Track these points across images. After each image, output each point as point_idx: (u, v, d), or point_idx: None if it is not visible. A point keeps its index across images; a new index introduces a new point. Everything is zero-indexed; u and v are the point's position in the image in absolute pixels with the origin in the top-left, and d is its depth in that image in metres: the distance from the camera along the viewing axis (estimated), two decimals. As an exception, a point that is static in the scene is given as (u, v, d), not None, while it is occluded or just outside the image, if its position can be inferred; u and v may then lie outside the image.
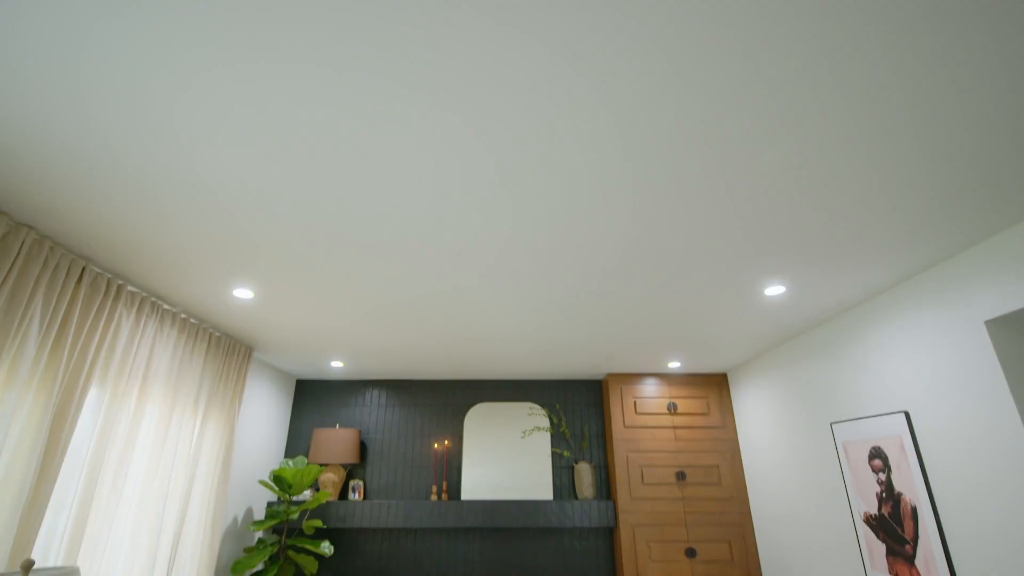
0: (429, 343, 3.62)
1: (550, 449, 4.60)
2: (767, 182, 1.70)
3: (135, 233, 2.07)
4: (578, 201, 1.82)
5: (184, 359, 2.99)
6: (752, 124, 1.45)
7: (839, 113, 1.40)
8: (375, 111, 1.40)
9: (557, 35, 1.18)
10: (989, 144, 1.52)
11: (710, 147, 1.54)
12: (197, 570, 3.06)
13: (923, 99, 1.36)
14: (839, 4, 1.11)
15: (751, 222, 1.95)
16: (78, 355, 2.22)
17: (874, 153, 1.56)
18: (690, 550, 4.02)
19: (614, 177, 1.68)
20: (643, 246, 2.15)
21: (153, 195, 1.80)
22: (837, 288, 2.60)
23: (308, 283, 2.56)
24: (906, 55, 1.23)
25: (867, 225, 1.98)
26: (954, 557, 2.26)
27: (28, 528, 1.94)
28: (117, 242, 2.14)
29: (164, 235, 2.09)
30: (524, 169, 1.64)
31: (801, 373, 3.46)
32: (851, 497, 2.92)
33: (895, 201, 1.81)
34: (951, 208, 1.86)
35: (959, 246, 2.16)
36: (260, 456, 4.20)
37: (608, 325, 3.20)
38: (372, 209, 1.87)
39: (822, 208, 1.86)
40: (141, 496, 2.66)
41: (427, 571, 4.26)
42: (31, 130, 1.49)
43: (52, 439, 2.06)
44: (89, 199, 1.82)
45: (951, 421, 2.28)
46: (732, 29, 1.17)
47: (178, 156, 1.59)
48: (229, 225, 2.00)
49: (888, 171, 1.65)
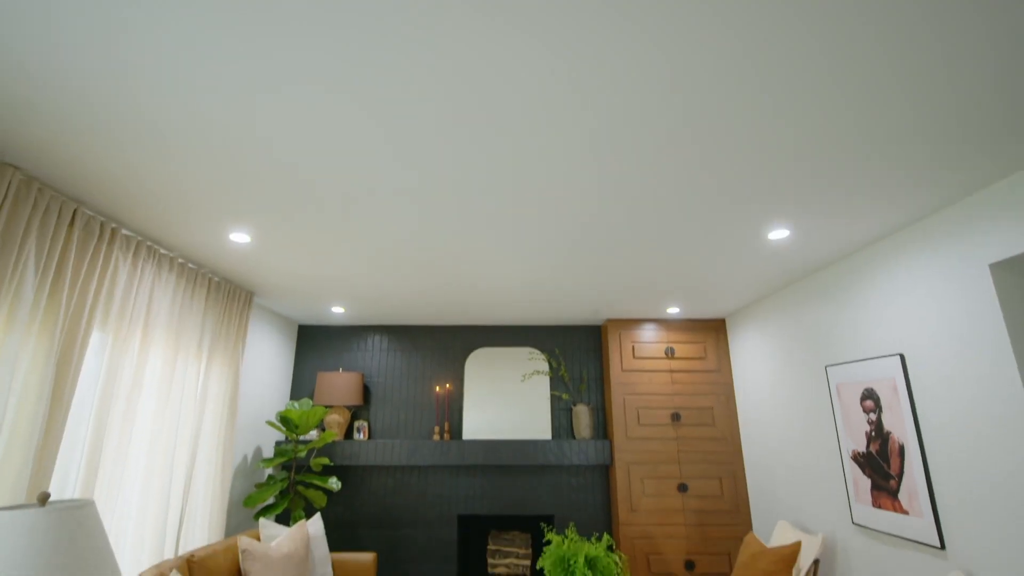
0: (429, 289, 3.62)
1: (549, 392, 4.71)
2: (775, 123, 1.63)
3: (127, 174, 2.01)
4: (580, 142, 1.76)
5: (184, 304, 2.99)
6: (758, 64, 1.37)
7: (846, 55, 1.32)
8: (376, 59, 1.31)
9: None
10: (999, 87, 1.45)
11: (716, 85, 1.46)
12: (211, 504, 3.20)
13: (931, 42, 1.27)
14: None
15: (758, 164, 1.90)
16: (77, 299, 2.21)
17: (883, 96, 1.49)
18: (682, 486, 4.21)
19: (618, 116, 1.61)
20: (648, 188, 2.10)
21: (146, 134, 1.73)
22: (842, 231, 2.57)
23: (305, 228, 2.52)
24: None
25: (876, 167, 1.92)
26: (936, 491, 2.36)
27: (43, 466, 2.00)
28: (109, 183, 2.08)
29: (157, 176, 2.03)
30: (525, 111, 1.57)
31: (799, 317, 3.49)
32: (841, 436, 3.01)
33: (905, 144, 1.75)
34: (962, 150, 1.81)
35: (968, 189, 2.11)
36: (266, 398, 4.30)
37: (609, 271, 3.19)
38: (370, 156, 1.81)
39: (830, 149, 1.80)
40: (151, 436, 2.74)
41: (431, 504, 4.47)
42: (9, 64, 1.40)
43: (59, 381, 2.09)
44: (77, 137, 1.75)
45: (945, 364, 2.32)
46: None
47: (175, 96, 1.51)
48: (225, 167, 1.93)
49: (897, 114, 1.58)
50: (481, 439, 4.42)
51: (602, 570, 2.33)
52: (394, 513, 4.45)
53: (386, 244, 2.74)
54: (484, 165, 1.93)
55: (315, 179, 2.04)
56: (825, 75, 1.44)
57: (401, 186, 2.09)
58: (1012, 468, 2.02)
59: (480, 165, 1.93)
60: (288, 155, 1.86)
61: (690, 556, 4.08)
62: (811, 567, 3.01)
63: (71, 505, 1.38)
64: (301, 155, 1.86)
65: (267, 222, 2.47)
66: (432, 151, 1.83)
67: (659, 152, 1.84)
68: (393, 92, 1.51)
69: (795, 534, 3.33)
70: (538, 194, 2.16)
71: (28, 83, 1.49)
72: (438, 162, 1.91)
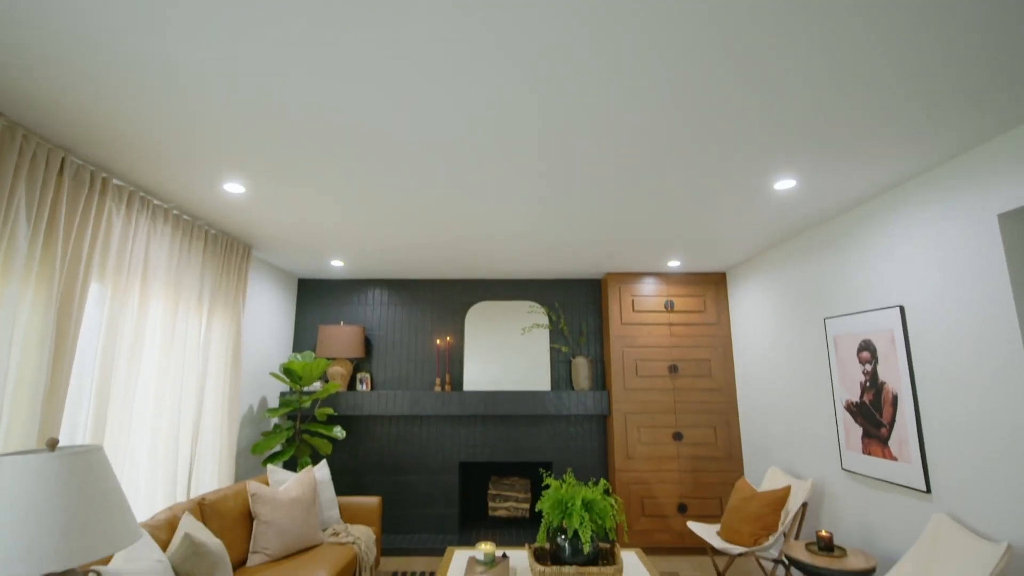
0: (428, 241, 3.59)
1: (549, 345, 4.77)
2: (785, 66, 1.56)
3: (110, 121, 1.94)
4: (580, 82, 1.68)
5: (182, 256, 2.97)
6: (767, 5, 1.29)
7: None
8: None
9: None
10: (1013, 34, 1.37)
11: (725, 28, 1.38)
12: (219, 451, 3.30)
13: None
14: None
15: (768, 111, 1.83)
16: (73, 250, 2.18)
17: (896, 42, 1.41)
18: (677, 434, 4.32)
19: (624, 53, 1.53)
20: (653, 135, 2.03)
21: (127, 78, 1.65)
22: (849, 182, 2.51)
23: (300, 179, 2.46)
24: None
25: (887, 113, 1.85)
26: (926, 439, 2.42)
27: (51, 415, 2.04)
28: (94, 130, 2.01)
29: (143, 123, 1.96)
30: (526, 48, 1.49)
31: (800, 270, 3.48)
32: (835, 386, 3.06)
33: (916, 89, 1.68)
34: (974, 98, 1.73)
35: (980, 138, 2.05)
36: (269, 351, 4.35)
37: (610, 222, 3.15)
38: (365, 100, 1.73)
39: (842, 97, 1.73)
40: (157, 386, 2.78)
41: (433, 452, 4.61)
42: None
43: (60, 331, 2.10)
44: (58, 82, 1.68)
45: (945, 315, 2.32)
46: None
47: (158, 35, 1.43)
48: (213, 113, 1.86)
49: (910, 61, 1.50)
50: (481, 390, 4.51)
51: (598, 512, 2.42)
52: (398, 460, 4.60)
53: (384, 195, 2.69)
54: (483, 112, 1.86)
55: (308, 127, 1.97)
56: (842, 17, 1.36)
57: (398, 135, 2.03)
58: (1001, 417, 2.06)
59: (479, 112, 1.86)
60: (279, 101, 1.79)
61: (683, 500, 4.24)
62: (799, 510, 3.13)
63: (79, 450, 1.41)
64: (292, 101, 1.79)
65: (261, 172, 2.41)
66: (429, 96, 1.76)
67: (665, 95, 1.76)
68: (392, 32, 1.43)
69: (785, 479, 3.45)
70: (538, 141, 2.10)
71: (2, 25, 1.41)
72: (435, 109, 1.84)
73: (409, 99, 1.78)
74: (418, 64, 1.59)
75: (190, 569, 1.97)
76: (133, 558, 1.85)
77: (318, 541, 2.98)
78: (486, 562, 2.56)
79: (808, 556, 2.58)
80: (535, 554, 2.57)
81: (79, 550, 1.29)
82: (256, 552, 2.74)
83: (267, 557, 2.74)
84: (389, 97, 1.77)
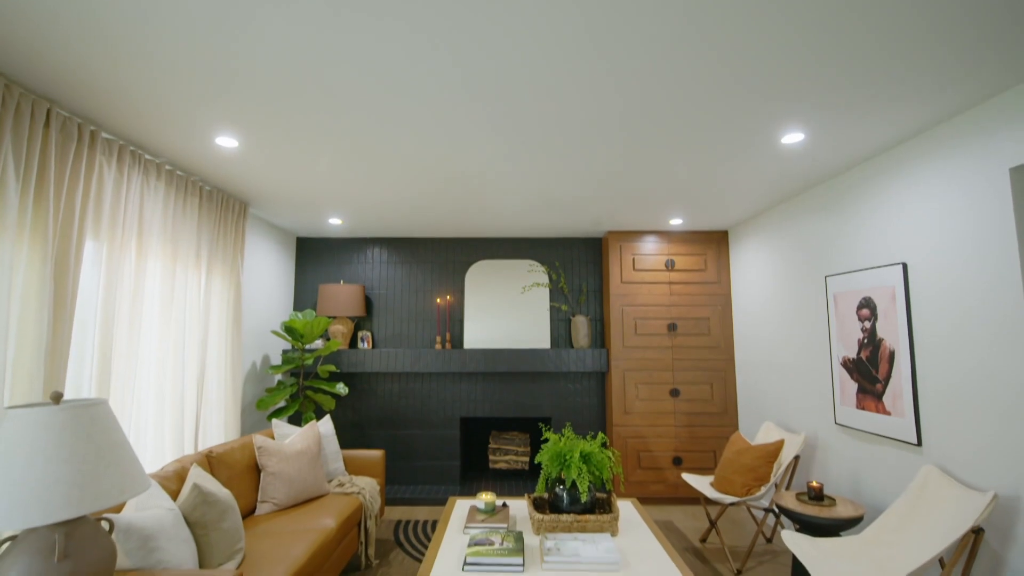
0: (427, 197, 3.54)
1: (548, 304, 4.78)
2: (798, 14, 1.47)
3: (99, 70, 1.86)
4: (580, 26, 1.60)
5: (177, 213, 2.93)
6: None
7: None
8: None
9: None
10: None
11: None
12: (224, 407, 3.36)
13: None
14: None
15: (777, 60, 1.75)
16: (65, 205, 2.15)
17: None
18: (674, 390, 4.40)
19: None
20: (659, 85, 1.96)
21: (116, 20, 1.57)
22: (859, 136, 2.44)
23: (295, 132, 2.39)
24: None
25: (899, 62, 1.77)
26: (920, 394, 2.46)
27: (55, 371, 2.05)
28: (81, 80, 1.94)
29: (132, 71, 1.88)
30: None
31: (803, 228, 3.44)
32: (833, 344, 3.09)
33: (938, 32, 1.60)
34: (989, 49, 1.65)
35: (996, 87, 1.97)
36: (269, 310, 4.36)
37: (613, 177, 3.09)
38: (359, 50, 1.65)
39: (854, 47, 1.65)
40: (159, 342, 2.80)
41: (435, 408, 4.71)
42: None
43: (58, 287, 2.09)
44: (42, 27, 1.60)
45: (949, 271, 2.31)
46: None
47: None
48: (205, 60, 1.79)
49: (924, 11, 1.42)
50: (482, 348, 4.56)
51: (596, 464, 2.48)
52: (400, 416, 4.70)
53: (379, 148, 2.62)
54: (478, 60, 1.78)
55: (301, 77, 1.89)
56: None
57: (391, 86, 1.95)
58: (997, 371, 2.08)
59: (474, 60, 1.78)
60: (271, 50, 1.71)
61: (678, 453, 4.36)
62: (791, 462, 3.22)
63: (84, 403, 1.43)
64: (284, 50, 1.71)
65: (254, 126, 2.34)
66: (421, 45, 1.68)
67: (669, 44, 1.68)
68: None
69: (779, 433, 3.53)
70: (537, 90, 2.02)
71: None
72: (432, 58, 1.76)
73: (403, 48, 1.70)
74: (411, 9, 1.51)
75: (200, 516, 2.03)
76: (144, 507, 1.91)
77: (324, 491, 3.07)
78: (487, 510, 2.65)
79: (798, 505, 2.66)
80: (534, 503, 2.66)
81: (90, 498, 1.33)
82: (264, 501, 2.83)
83: (275, 506, 2.84)
84: (384, 47, 1.69)
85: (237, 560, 2.12)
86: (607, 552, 2.10)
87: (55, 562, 1.31)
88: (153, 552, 1.77)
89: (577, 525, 2.39)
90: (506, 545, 2.16)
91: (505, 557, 2.06)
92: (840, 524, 2.50)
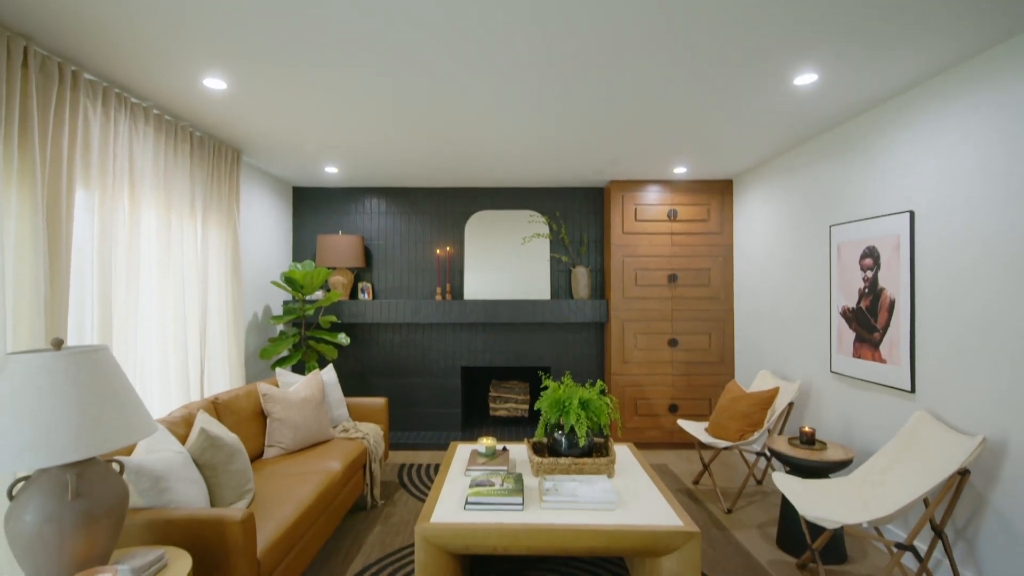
0: (424, 144, 3.44)
1: (549, 254, 4.75)
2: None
3: (77, 2, 1.75)
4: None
5: (169, 160, 2.85)
6: None
7: None
8: None
9: None
10: None
11: None
12: (227, 356, 3.40)
13: None
14: None
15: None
16: (52, 151, 2.09)
17: None
18: (672, 340, 4.44)
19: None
20: (662, 18, 1.85)
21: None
22: (875, 77, 2.34)
23: (285, 73, 2.29)
24: None
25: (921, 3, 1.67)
26: (917, 343, 2.47)
27: (56, 319, 2.06)
28: (57, 14, 1.83)
29: (111, 3, 1.77)
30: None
31: (810, 177, 3.37)
32: (833, 293, 3.09)
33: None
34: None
35: (1007, 32, 1.87)
36: (268, 260, 4.34)
37: (616, 121, 2.99)
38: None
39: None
40: (159, 291, 2.80)
41: (436, 357, 4.78)
42: None
43: (52, 235, 2.06)
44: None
45: (953, 220, 2.27)
46: None
47: None
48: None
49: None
50: (482, 299, 4.57)
51: (594, 410, 2.53)
52: (402, 365, 4.77)
53: (375, 93, 2.52)
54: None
55: (289, 11, 1.79)
56: None
57: (385, 26, 1.85)
58: (998, 320, 2.08)
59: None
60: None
61: (674, 401, 4.46)
62: (785, 409, 3.29)
63: (86, 349, 1.43)
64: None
65: (242, 66, 2.24)
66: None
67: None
68: None
69: (775, 381, 3.59)
70: (536, 29, 1.91)
71: None
72: None
73: None
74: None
75: (209, 459, 2.09)
76: (153, 450, 1.96)
77: (329, 437, 3.16)
78: (487, 454, 2.73)
79: (789, 448, 2.74)
80: (533, 447, 2.73)
81: (97, 441, 1.36)
82: (271, 446, 2.91)
83: (282, 450, 2.92)
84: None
85: (247, 500, 2.20)
86: (604, 492, 2.17)
87: (68, 500, 1.35)
88: (165, 492, 1.83)
89: (575, 468, 2.46)
90: (506, 486, 2.23)
91: (505, 497, 2.13)
92: (830, 467, 2.57)
